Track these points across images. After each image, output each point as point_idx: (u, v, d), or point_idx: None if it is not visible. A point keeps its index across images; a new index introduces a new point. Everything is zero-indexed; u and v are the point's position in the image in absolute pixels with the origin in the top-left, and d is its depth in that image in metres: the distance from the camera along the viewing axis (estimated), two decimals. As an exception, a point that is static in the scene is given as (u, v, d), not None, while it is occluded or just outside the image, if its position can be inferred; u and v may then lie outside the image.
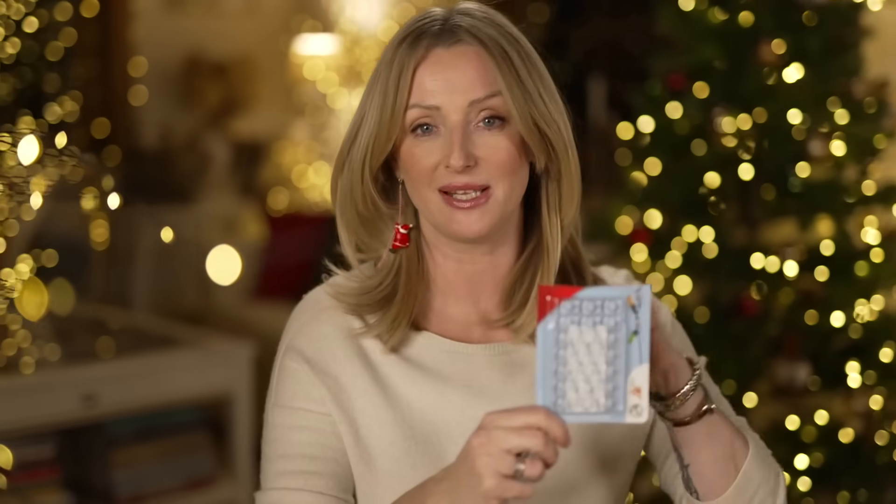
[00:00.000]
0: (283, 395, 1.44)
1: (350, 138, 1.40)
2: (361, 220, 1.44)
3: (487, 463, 1.16)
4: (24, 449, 3.23)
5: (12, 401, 3.17)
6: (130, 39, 5.89)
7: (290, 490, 1.40)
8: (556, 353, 1.18)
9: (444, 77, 1.35)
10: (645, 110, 3.05)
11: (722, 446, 1.32)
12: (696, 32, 3.01)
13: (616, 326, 1.17)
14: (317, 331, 1.44)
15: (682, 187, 2.98)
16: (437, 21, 1.38)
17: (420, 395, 1.42)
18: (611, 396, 1.17)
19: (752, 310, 2.82)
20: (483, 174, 1.36)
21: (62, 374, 3.28)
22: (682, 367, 1.29)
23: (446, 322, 1.46)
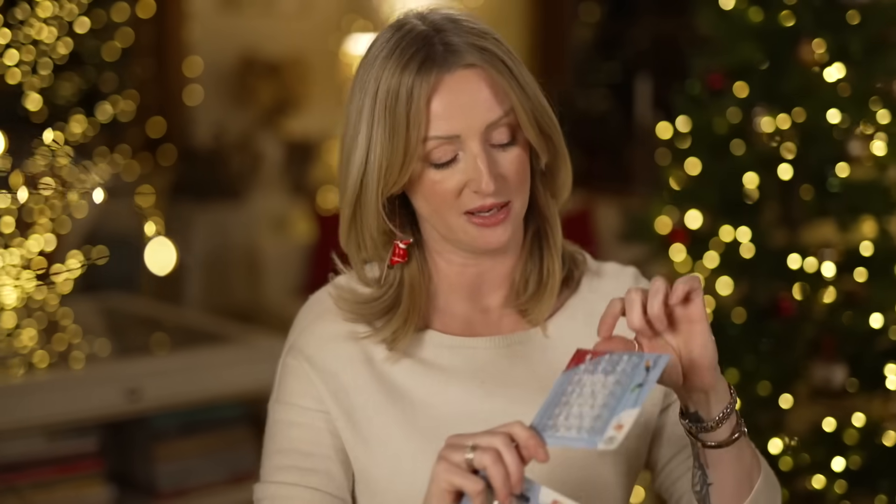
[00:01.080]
0: (284, 392, 1.47)
1: (359, 170, 1.37)
2: (373, 244, 1.44)
3: (444, 451, 1.18)
4: (67, 442, 3.29)
5: (56, 394, 3.24)
6: (186, 40, 5.97)
7: (285, 485, 1.43)
8: (564, 390, 1.21)
9: (458, 105, 1.34)
10: (684, 110, 3.04)
11: (743, 467, 1.33)
12: (736, 32, 2.99)
13: (624, 378, 1.19)
14: (319, 331, 1.47)
15: (721, 187, 2.97)
16: (430, 39, 1.35)
17: (423, 391, 1.43)
18: (594, 426, 1.17)
19: (789, 311, 2.80)
20: (505, 192, 1.37)
21: (105, 369, 3.34)
22: (724, 391, 1.29)
23: (450, 319, 1.48)
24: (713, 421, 1.28)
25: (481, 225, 1.37)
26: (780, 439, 2.83)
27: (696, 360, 1.24)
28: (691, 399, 1.28)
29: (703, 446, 1.30)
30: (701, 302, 1.24)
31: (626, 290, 1.50)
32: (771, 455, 2.83)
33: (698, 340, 1.24)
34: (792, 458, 2.81)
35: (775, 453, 2.82)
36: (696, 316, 1.24)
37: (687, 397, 1.29)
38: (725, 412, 1.28)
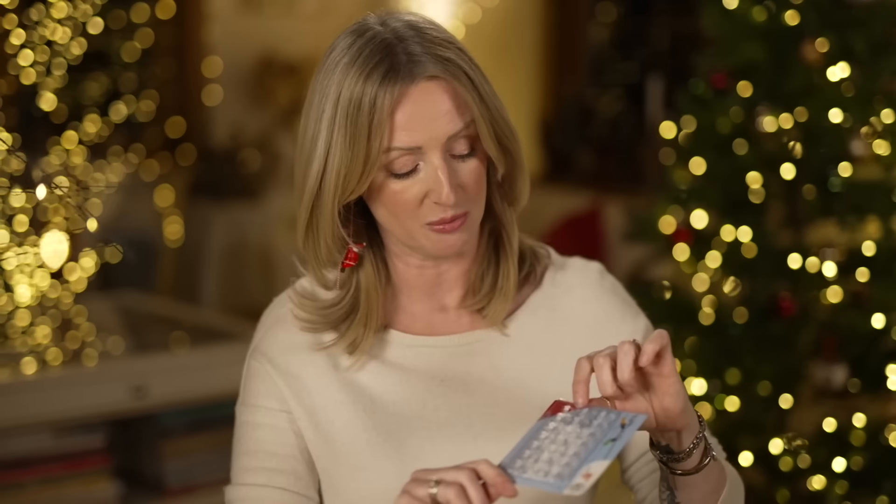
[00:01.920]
0: (249, 394, 1.50)
1: (317, 176, 1.37)
2: (327, 248, 1.44)
3: (408, 485, 1.19)
4: (74, 438, 3.32)
5: (62, 391, 3.27)
6: (205, 40, 6.01)
7: (254, 486, 1.46)
8: (538, 435, 1.23)
9: (420, 116, 1.34)
10: (688, 109, 3.04)
11: (711, 485, 1.35)
12: (739, 31, 2.99)
13: (598, 430, 1.21)
14: (282, 333, 1.49)
15: (725, 187, 2.97)
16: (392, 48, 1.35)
17: (383, 389, 1.45)
18: (562, 472, 1.19)
19: (790, 311, 2.79)
20: (464, 202, 1.38)
21: (112, 367, 3.37)
22: (694, 425, 1.30)
23: (410, 318, 1.49)
24: (683, 452, 1.30)
25: (440, 231, 1.38)
26: (780, 439, 2.82)
27: (669, 409, 1.26)
28: (663, 436, 1.30)
29: (672, 473, 1.32)
30: (670, 358, 1.25)
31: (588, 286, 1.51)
32: (772, 455, 2.82)
33: (671, 391, 1.26)
34: (792, 458, 2.80)
35: (776, 453, 2.82)
36: (666, 371, 1.25)
37: (659, 435, 1.31)
38: (695, 442, 1.29)
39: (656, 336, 1.24)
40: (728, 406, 2.86)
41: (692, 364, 2.96)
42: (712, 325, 2.93)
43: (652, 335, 1.25)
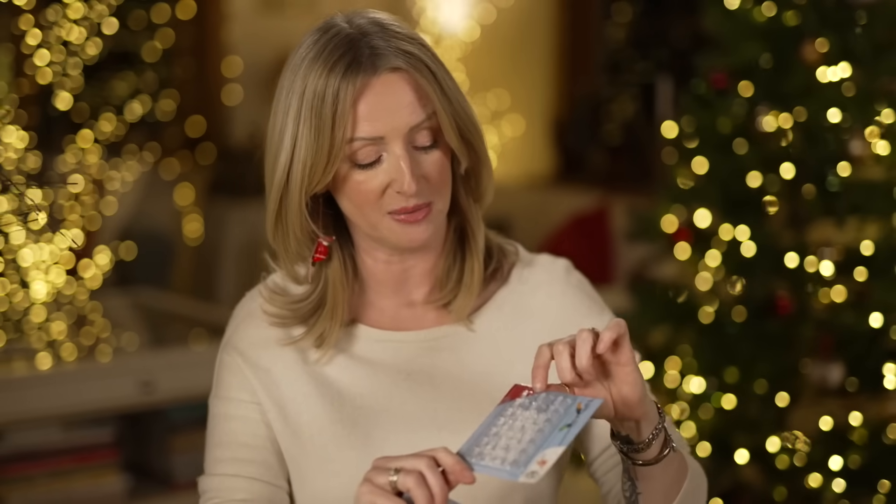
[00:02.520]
0: (221, 387, 1.53)
1: (284, 169, 1.41)
2: (298, 244, 1.47)
3: (370, 474, 1.22)
4: (83, 432, 3.37)
5: (72, 386, 3.32)
6: (225, 40, 6.06)
7: (226, 476, 1.49)
8: (497, 421, 1.26)
9: (382, 107, 1.37)
10: (690, 109, 3.06)
11: (670, 476, 1.36)
12: (740, 31, 3.00)
13: (555, 417, 1.24)
14: (252, 327, 1.52)
15: (726, 186, 2.98)
16: (356, 43, 1.38)
17: (350, 382, 1.49)
18: (518, 458, 1.21)
19: (787, 309, 2.81)
20: (426, 193, 1.41)
21: (120, 362, 3.42)
22: (653, 415, 1.32)
23: (378, 314, 1.52)
24: (643, 442, 1.31)
25: (404, 222, 1.41)
26: (777, 437, 2.83)
27: (627, 398, 1.28)
28: (622, 426, 1.32)
29: (633, 463, 1.34)
30: (628, 347, 1.27)
31: (555, 282, 1.54)
32: (769, 452, 2.84)
33: (629, 380, 1.27)
34: (789, 456, 2.81)
35: (773, 451, 2.84)
36: (624, 360, 1.26)
37: (618, 425, 1.32)
38: (654, 433, 1.31)
39: (614, 325, 1.26)
40: (725, 404, 2.88)
41: (693, 363, 2.98)
42: (711, 324, 2.95)
43: (610, 324, 1.27)
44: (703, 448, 2.89)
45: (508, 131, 5.95)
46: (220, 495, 1.49)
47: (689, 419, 2.94)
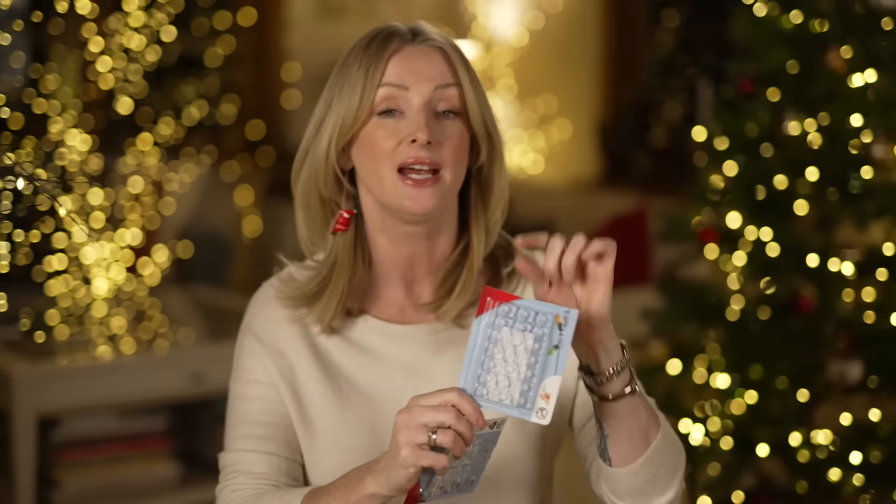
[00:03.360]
0: (240, 369, 1.66)
1: (315, 129, 1.57)
2: (322, 203, 1.61)
3: (406, 435, 1.36)
4: (137, 421, 3.54)
5: (126, 376, 3.49)
6: (284, 46, 6.22)
7: (245, 451, 1.62)
8: (486, 347, 1.37)
9: (413, 65, 1.53)
10: (719, 113, 3.15)
11: (638, 424, 1.47)
12: (768, 37, 3.09)
13: (541, 337, 1.36)
14: (269, 314, 1.65)
15: (754, 189, 3.07)
16: (401, 29, 1.56)
17: (356, 370, 1.61)
18: (524, 395, 1.36)
19: (808, 308, 2.89)
20: (438, 155, 1.52)
21: (172, 355, 3.58)
22: (614, 349, 1.43)
23: (384, 306, 1.64)
24: (604, 375, 1.43)
25: (411, 185, 1.52)
26: (799, 433, 2.92)
27: (593, 314, 1.40)
28: (585, 353, 1.43)
29: (598, 399, 1.45)
30: (610, 265, 1.39)
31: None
32: (790, 447, 2.92)
33: (598, 298, 1.40)
34: (810, 451, 2.90)
35: (795, 445, 2.92)
36: (602, 276, 1.39)
37: (581, 352, 1.44)
38: (616, 368, 1.42)
39: (606, 241, 1.40)
40: (748, 400, 2.97)
41: (721, 360, 3.07)
42: (737, 322, 3.03)
43: (602, 238, 1.40)
44: (727, 442, 2.98)
45: (556, 135, 6.06)
46: (239, 468, 1.61)
47: (716, 415, 3.03)
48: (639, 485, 1.50)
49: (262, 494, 1.57)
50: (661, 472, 1.50)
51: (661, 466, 1.50)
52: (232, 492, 1.61)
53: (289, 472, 1.62)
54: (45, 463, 3.46)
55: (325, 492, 1.49)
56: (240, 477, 1.61)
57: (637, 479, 1.50)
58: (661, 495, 1.52)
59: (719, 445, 2.98)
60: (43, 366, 3.49)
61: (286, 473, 1.62)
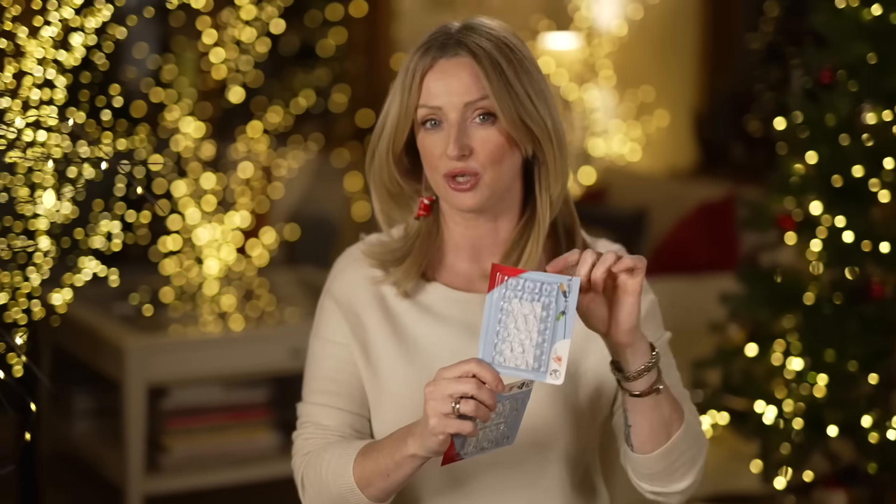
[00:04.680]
0: (319, 328, 1.83)
1: (379, 130, 1.75)
2: (390, 195, 1.79)
3: (432, 406, 1.52)
4: (240, 392, 3.76)
5: (231, 350, 3.71)
6: (394, 37, 6.39)
7: (317, 405, 1.80)
8: (499, 318, 1.53)
9: (444, 83, 1.68)
10: (798, 104, 3.23)
11: (660, 419, 1.62)
12: (848, 29, 3.15)
13: (548, 305, 1.51)
14: (347, 278, 1.82)
15: (832, 178, 3.14)
16: (445, 36, 1.71)
17: (424, 332, 1.77)
18: (537, 360, 1.51)
19: (880, 293, 2.97)
20: (475, 163, 1.68)
21: (273, 330, 3.78)
22: (643, 352, 1.58)
23: (454, 276, 1.80)
24: (632, 373, 1.58)
25: (455, 189, 1.69)
26: (870, 416, 2.99)
27: (620, 322, 1.56)
28: (615, 352, 1.59)
29: (626, 394, 1.60)
30: (640, 280, 1.54)
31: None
32: (861, 429, 3.00)
33: (626, 309, 1.55)
34: (880, 433, 2.97)
35: (866, 427, 3.00)
36: (631, 288, 1.54)
37: (612, 350, 1.59)
38: (644, 369, 1.58)
39: (637, 258, 1.54)
40: (820, 382, 3.05)
41: (797, 345, 3.15)
42: (812, 307, 3.11)
43: (634, 255, 1.55)
44: (798, 423, 3.06)
45: (653, 125, 6.13)
46: (311, 419, 1.80)
47: (789, 397, 3.12)
48: (658, 471, 1.66)
49: (329, 445, 1.75)
50: (680, 463, 1.66)
51: (681, 457, 1.66)
52: (305, 440, 1.79)
53: (353, 425, 1.79)
54: (155, 430, 3.70)
55: (376, 448, 1.65)
56: (310, 427, 1.79)
57: (656, 466, 1.66)
58: (679, 482, 1.69)
59: (791, 426, 3.07)
60: (154, 339, 3.72)
61: (351, 426, 1.79)
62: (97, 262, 2.94)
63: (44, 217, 2.84)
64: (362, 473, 1.66)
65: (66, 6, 2.66)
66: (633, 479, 1.71)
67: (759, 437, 3.16)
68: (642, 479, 1.69)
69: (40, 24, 2.66)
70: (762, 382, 3.20)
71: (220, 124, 5.17)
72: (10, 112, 2.66)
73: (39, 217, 2.84)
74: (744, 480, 3.42)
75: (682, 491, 1.70)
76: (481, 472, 1.74)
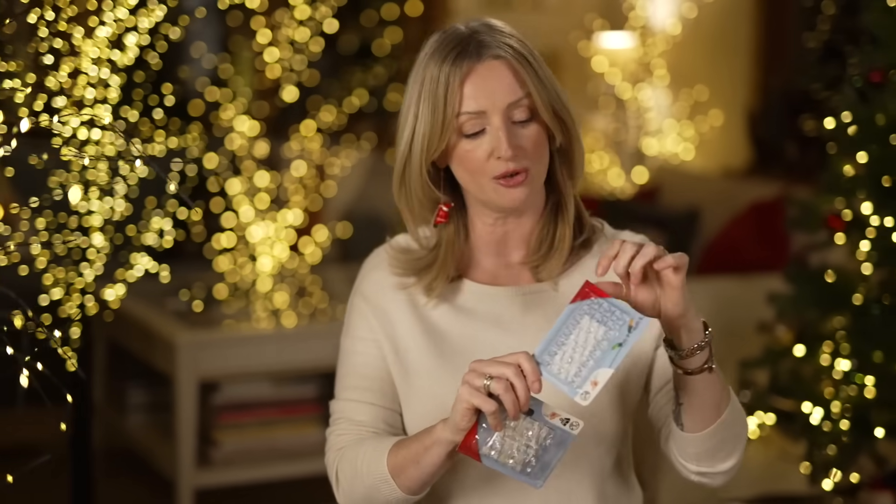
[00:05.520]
0: (349, 326, 1.87)
1: (408, 142, 1.74)
2: (422, 205, 1.80)
3: (468, 376, 1.56)
4: (289, 387, 3.80)
5: (281, 346, 3.75)
6: (450, 36, 6.41)
7: (349, 401, 1.84)
8: (566, 327, 1.57)
9: (484, 87, 1.69)
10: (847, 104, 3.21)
11: (711, 397, 1.65)
12: (899, 28, 3.12)
13: (609, 332, 1.56)
14: (376, 276, 1.86)
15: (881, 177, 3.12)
16: (466, 41, 1.71)
17: (452, 327, 1.80)
18: (577, 375, 1.55)
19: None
20: (524, 160, 1.71)
21: (321, 326, 3.82)
22: (696, 330, 1.61)
23: (481, 272, 1.83)
24: (685, 351, 1.60)
25: (505, 185, 1.71)
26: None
27: (669, 311, 1.59)
28: (668, 331, 1.62)
29: (680, 372, 1.62)
30: (683, 276, 1.57)
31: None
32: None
33: (672, 299, 1.58)
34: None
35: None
36: (676, 283, 1.57)
37: (666, 329, 1.62)
38: (696, 347, 1.60)
39: (679, 255, 1.58)
40: (867, 383, 3.03)
41: (846, 346, 3.13)
42: (861, 308, 3.09)
43: (676, 254, 1.58)
44: (845, 424, 3.05)
45: (707, 124, 6.10)
46: (344, 415, 1.84)
47: (836, 398, 3.10)
48: (706, 450, 1.68)
49: (363, 440, 1.78)
50: (727, 442, 1.68)
51: (728, 437, 1.68)
52: (338, 436, 1.83)
53: (386, 420, 1.82)
54: (205, 424, 3.75)
55: (410, 438, 1.69)
56: (344, 423, 1.83)
57: (705, 445, 1.68)
58: (725, 462, 1.71)
59: (839, 427, 3.05)
60: (205, 334, 3.78)
61: (384, 421, 1.82)
62: (149, 258, 3.00)
63: (97, 214, 2.90)
64: (395, 461, 1.69)
65: (121, 7, 2.72)
66: (677, 460, 1.72)
67: (805, 438, 3.14)
68: (689, 459, 1.70)
69: (95, 25, 2.72)
70: (810, 383, 3.18)
71: (276, 123, 5.22)
72: (66, 111, 2.72)
73: (93, 214, 2.90)
74: (792, 481, 3.40)
75: (728, 470, 1.72)
76: None
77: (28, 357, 1.76)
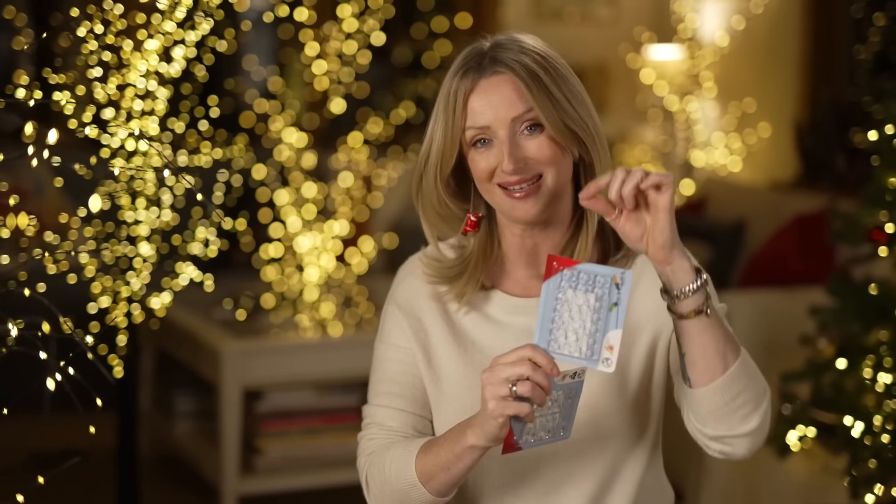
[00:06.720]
0: (383, 333, 1.90)
1: (425, 155, 1.79)
2: (440, 217, 1.83)
3: (490, 390, 1.58)
4: (333, 396, 3.83)
5: (324, 355, 3.79)
6: (499, 48, 6.44)
7: (381, 407, 1.86)
8: (554, 307, 1.59)
9: (488, 101, 1.73)
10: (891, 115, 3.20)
11: (714, 345, 1.62)
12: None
13: (601, 297, 1.58)
14: (410, 284, 1.88)
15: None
16: (479, 56, 1.75)
17: (483, 336, 1.83)
18: (590, 348, 1.57)
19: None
20: (533, 169, 1.73)
21: (364, 336, 3.85)
22: (684, 271, 1.60)
23: (512, 283, 1.85)
24: (675, 292, 1.60)
25: (511, 197, 1.74)
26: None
27: (654, 238, 1.58)
28: (659, 272, 1.61)
29: (674, 317, 1.62)
30: (669, 195, 1.57)
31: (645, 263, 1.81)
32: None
33: (659, 224, 1.57)
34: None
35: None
36: (661, 205, 1.57)
37: (658, 272, 1.62)
38: (688, 289, 1.59)
39: (663, 174, 1.58)
40: (909, 397, 3.02)
41: (889, 360, 3.12)
42: (903, 321, 3.08)
43: (661, 172, 1.58)
44: (886, 438, 3.03)
45: (755, 136, 6.08)
46: (375, 420, 1.86)
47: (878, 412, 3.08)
48: (720, 408, 1.64)
49: (392, 444, 1.81)
50: (741, 400, 1.64)
51: (741, 394, 1.64)
52: (369, 440, 1.86)
53: (415, 426, 1.85)
54: (249, 432, 3.79)
55: (436, 443, 1.71)
56: (374, 428, 1.86)
57: (716, 400, 1.64)
58: (743, 423, 1.65)
59: (880, 440, 3.04)
60: (249, 343, 3.83)
61: (413, 427, 1.85)
62: (194, 267, 3.05)
63: (145, 224, 2.96)
64: (424, 468, 1.72)
65: (169, 20, 2.77)
66: (695, 427, 1.69)
67: (847, 452, 3.13)
68: (704, 422, 1.67)
69: (144, 38, 2.78)
70: (852, 397, 3.17)
71: (325, 135, 5.27)
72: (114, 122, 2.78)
73: (140, 224, 2.96)
74: (834, 495, 3.39)
75: (748, 433, 1.66)
76: (542, 465, 1.79)
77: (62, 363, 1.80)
